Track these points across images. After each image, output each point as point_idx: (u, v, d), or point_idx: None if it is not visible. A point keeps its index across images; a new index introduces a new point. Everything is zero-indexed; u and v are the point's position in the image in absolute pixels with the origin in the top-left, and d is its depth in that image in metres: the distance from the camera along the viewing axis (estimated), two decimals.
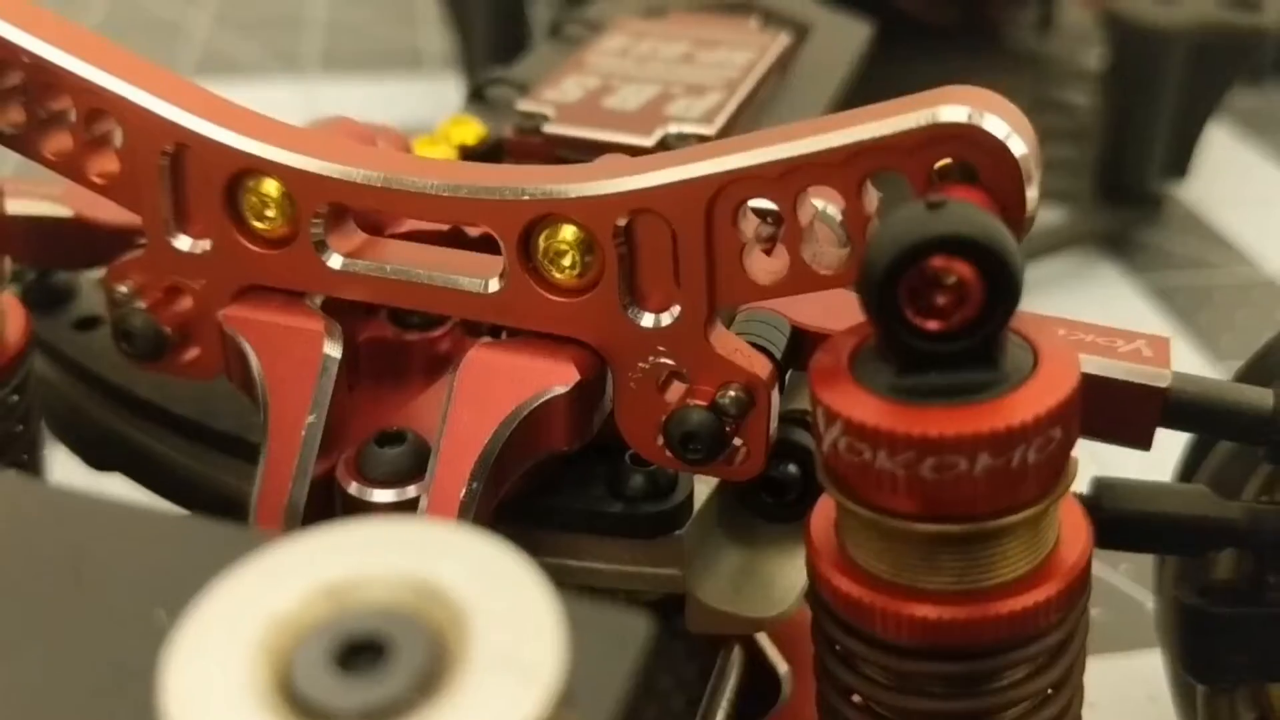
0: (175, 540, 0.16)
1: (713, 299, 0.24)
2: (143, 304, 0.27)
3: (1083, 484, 0.25)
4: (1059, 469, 0.21)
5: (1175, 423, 0.26)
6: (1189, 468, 0.30)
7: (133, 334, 0.27)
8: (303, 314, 0.26)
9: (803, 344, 0.27)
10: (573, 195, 0.24)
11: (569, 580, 0.27)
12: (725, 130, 0.35)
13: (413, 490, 0.26)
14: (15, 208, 0.30)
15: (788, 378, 0.27)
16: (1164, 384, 0.25)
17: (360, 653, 0.14)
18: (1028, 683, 0.22)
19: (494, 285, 0.25)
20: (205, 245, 0.27)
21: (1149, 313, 0.56)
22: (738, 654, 0.30)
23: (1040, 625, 0.22)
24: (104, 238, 0.31)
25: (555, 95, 0.36)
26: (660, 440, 0.25)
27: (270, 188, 0.26)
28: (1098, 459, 0.25)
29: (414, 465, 0.26)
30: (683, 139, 0.34)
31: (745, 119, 0.36)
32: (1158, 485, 0.27)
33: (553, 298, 0.25)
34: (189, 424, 0.30)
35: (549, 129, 0.35)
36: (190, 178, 0.26)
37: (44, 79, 0.26)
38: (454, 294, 0.26)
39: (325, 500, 0.26)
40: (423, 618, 0.14)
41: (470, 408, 0.25)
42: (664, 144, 0.34)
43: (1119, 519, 0.26)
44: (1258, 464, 0.28)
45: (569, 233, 0.25)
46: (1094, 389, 0.23)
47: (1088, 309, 0.55)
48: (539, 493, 0.27)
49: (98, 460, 0.32)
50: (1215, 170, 0.65)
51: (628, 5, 0.45)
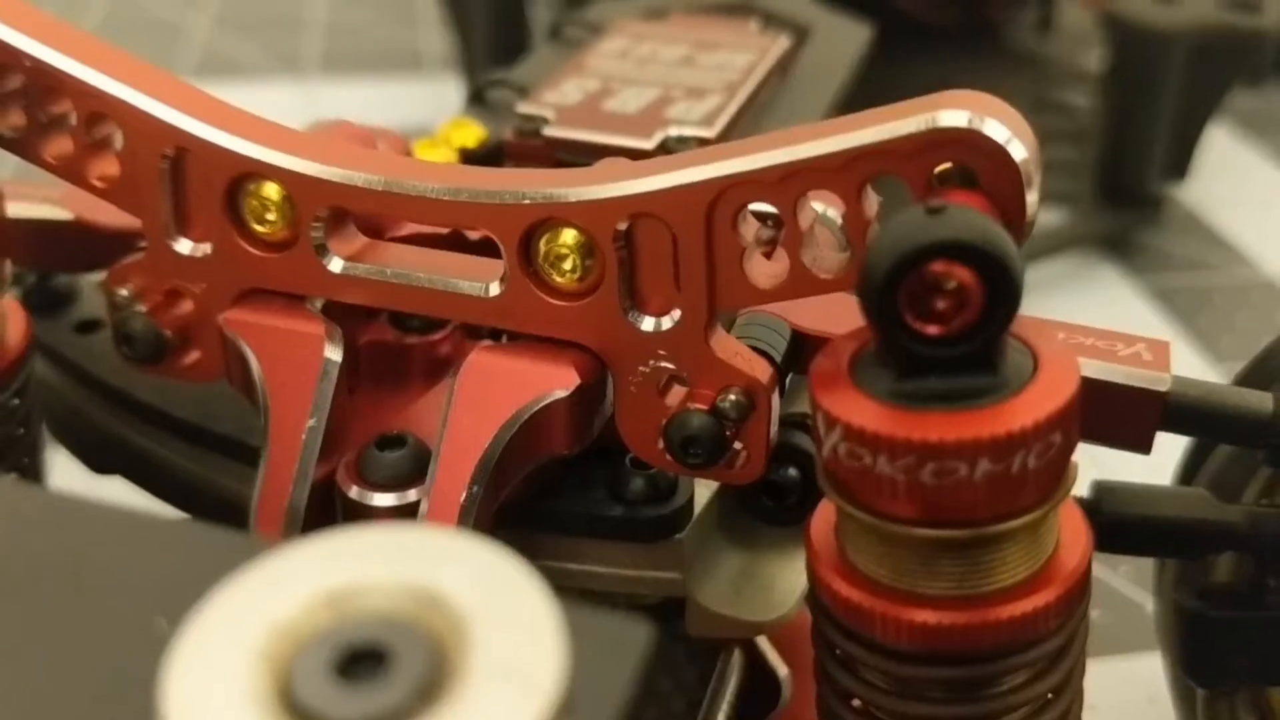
0: (176, 547, 0.16)
1: (713, 303, 0.24)
2: (143, 307, 0.27)
3: (1083, 487, 0.25)
4: (1059, 474, 0.21)
5: (1175, 426, 0.26)
6: (1189, 471, 0.30)
7: (133, 337, 0.27)
8: (303, 317, 0.26)
9: (803, 347, 0.27)
10: (573, 199, 0.24)
11: (569, 584, 0.27)
12: (725, 133, 0.35)
13: (413, 494, 0.26)
14: (15, 211, 0.30)
15: (788, 381, 0.27)
16: (1164, 388, 0.25)
17: (360, 661, 0.14)
18: (1028, 688, 0.22)
19: (494, 289, 0.25)
20: (206, 249, 0.27)
21: (1149, 314, 0.56)
22: (738, 657, 0.30)
23: (1040, 630, 0.22)
24: (104, 241, 0.31)
25: (555, 98, 0.36)
26: (661, 444, 0.25)
27: (271, 191, 0.26)
28: (1097, 462, 0.25)
29: (414, 469, 0.26)
30: (683, 142, 0.34)
31: (745, 121, 0.36)
32: (1158, 489, 0.27)
33: (553, 301, 0.25)
34: (189, 427, 0.30)
35: (549, 132, 0.35)
36: (191, 181, 0.26)
37: (45, 83, 0.26)
38: (454, 298, 0.26)
39: (326, 504, 0.26)
40: (423, 626, 0.14)
41: (471, 412, 0.25)
42: (664, 147, 0.34)
43: (1119, 522, 0.26)
44: (1257, 467, 0.28)
45: (569, 236, 0.25)
46: (1094, 393, 0.23)
47: (1087, 310, 0.55)
48: (539, 496, 0.27)
49: (98, 463, 0.32)
50: (1215, 171, 0.65)
51: (628, 7, 0.45)
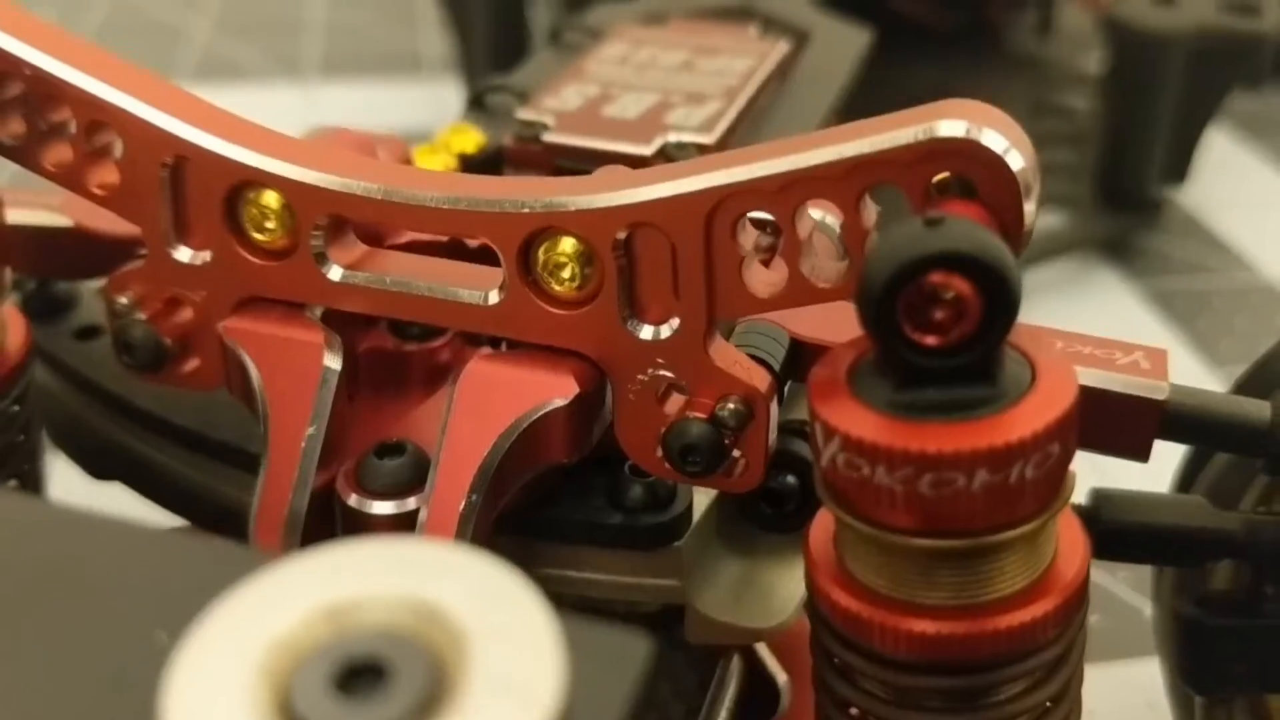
0: (176, 559, 0.16)
1: (712, 312, 0.24)
2: (143, 315, 0.27)
3: (1082, 494, 0.25)
4: (1057, 484, 0.21)
5: (1173, 435, 0.26)
6: (1187, 478, 0.30)
7: (133, 345, 0.27)
8: (303, 326, 0.26)
9: (802, 355, 0.27)
10: (572, 208, 0.24)
11: (569, 591, 0.27)
12: (725, 138, 0.35)
13: (412, 502, 0.26)
14: (15, 217, 0.30)
15: (787, 388, 0.27)
16: (1162, 396, 0.25)
17: (360, 675, 0.14)
18: (1026, 697, 0.22)
19: (494, 297, 0.25)
20: (205, 257, 0.27)
21: (1148, 317, 0.56)
22: (737, 664, 0.30)
23: (1038, 640, 0.22)
24: (104, 248, 0.31)
25: (555, 103, 0.36)
26: (659, 452, 0.25)
27: (270, 199, 0.26)
28: (1098, 468, 0.25)
29: (413, 477, 0.26)
30: (682, 148, 0.34)
31: (745, 127, 0.37)
32: (1155, 496, 0.27)
33: (552, 310, 0.25)
34: (189, 434, 0.30)
35: (549, 138, 0.35)
36: (190, 189, 0.26)
37: (44, 91, 0.26)
38: (454, 306, 0.26)
39: (325, 512, 0.26)
40: (422, 640, 0.14)
41: (470, 420, 0.25)
42: (663, 152, 0.34)
43: (1117, 530, 0.26)
44: (1255, 475, 0.28)
45: (568, 245, 0.25)
46: (1092, 401, 0.23)
47: (1086, 314, 0.55)
48: (538, 504, 0.27)
49: (98, 470, 0.32)
50: (1214, 174, 0.65)
51: (627, 11, 0.45)
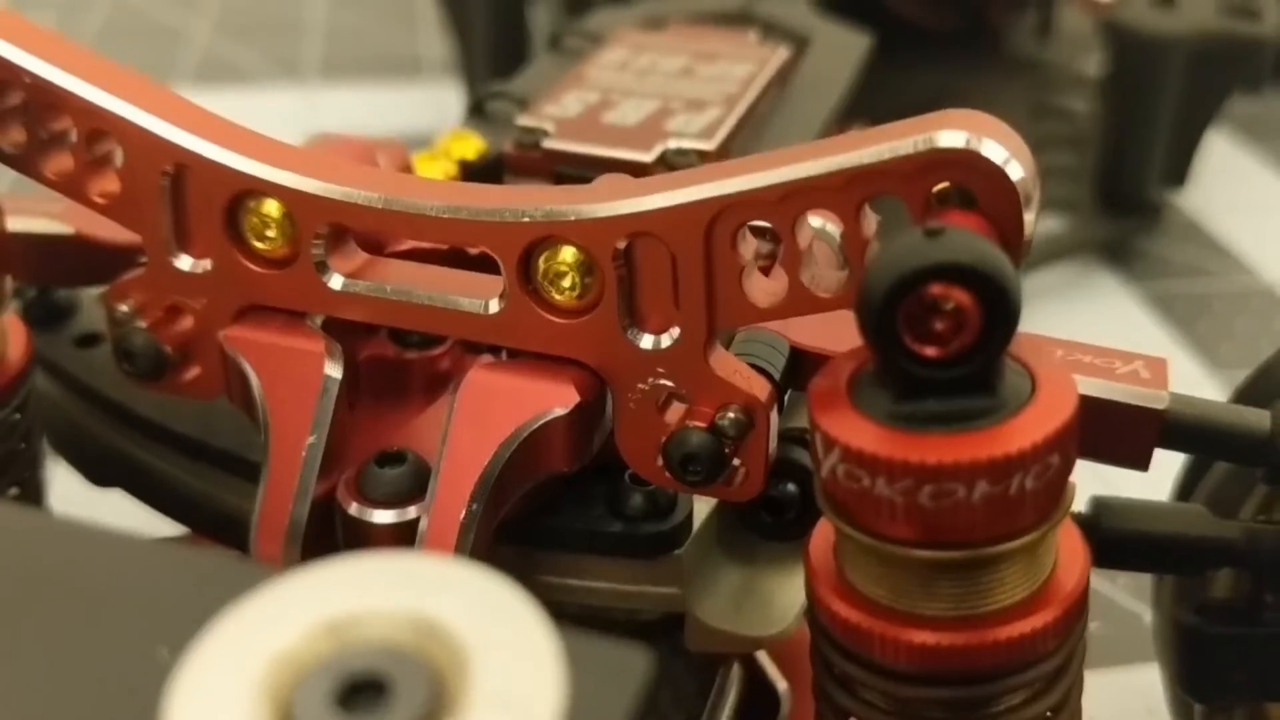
0: (178, 574, 0.16)
1: (712, 321, 0.24)
2: (143, 323, 0.27)
3: (1082, 501, 0.25)
4: (1057, 495, 0.21)
5: (1173, 444, 0.26)
6: (1186, 487, 0.30)
7: (133, 353, 0.27)
8: (303, 334, 0.26)
9: (802, 364, 0.27)
10: (572, 218, 0.24)
11: (569, 599, 0.27)
12: (725, 145, 0.35)
13: (413, 511, 0.26)
14: (15, 225, 0.30)
15: (787, 396, 0.27)
16: (1161, 406, 0.25)
17: (361, 691, 0.14)
18: (1026, 707, 0.22)
19: (494, 306, 0.25)
20: (206, 265, 0.27)
21: (1148, 321, 0.56)
22: (737, 671, 0.30)
23: (1038, 651, 0.22)
24: (105, 255, 0.31)
25: (555, 110, 0.36)
26: (660, 461, 0.25)
27: (271, 208, 0.26)
28: (1099, 475, 0.25)
29: (414, 486, 0.26)
30: (682, 154, 0.34)
31: (745, 133, 0.37)
32: (1155, 505, 0.27)
33: (552, 319, 0.25)
34: (190, 441, 0.30)
35: (549, 144, 0.35)
36: (191, 198, 0.26)
37: (45, 99, 0.26)
38: (454, 315, 0.26)
39: (326, 520, 0.26)
40: (423, 656, 0.14)
41: (470, 429, 0.25)
42: (664, 159, 0.34)
43: (1117, 538, 0.26)
44: (1254, 484, 0.28)
45: (569, 254, 0.25)
46: (1092, 410, 0.23)
47: (1086, 318, 0.55)
48: (539, 513, 0.27)
49: (98, 476, 0.32)
50: (1214, 177, 0.65)
51: (627, 16, 0.45)
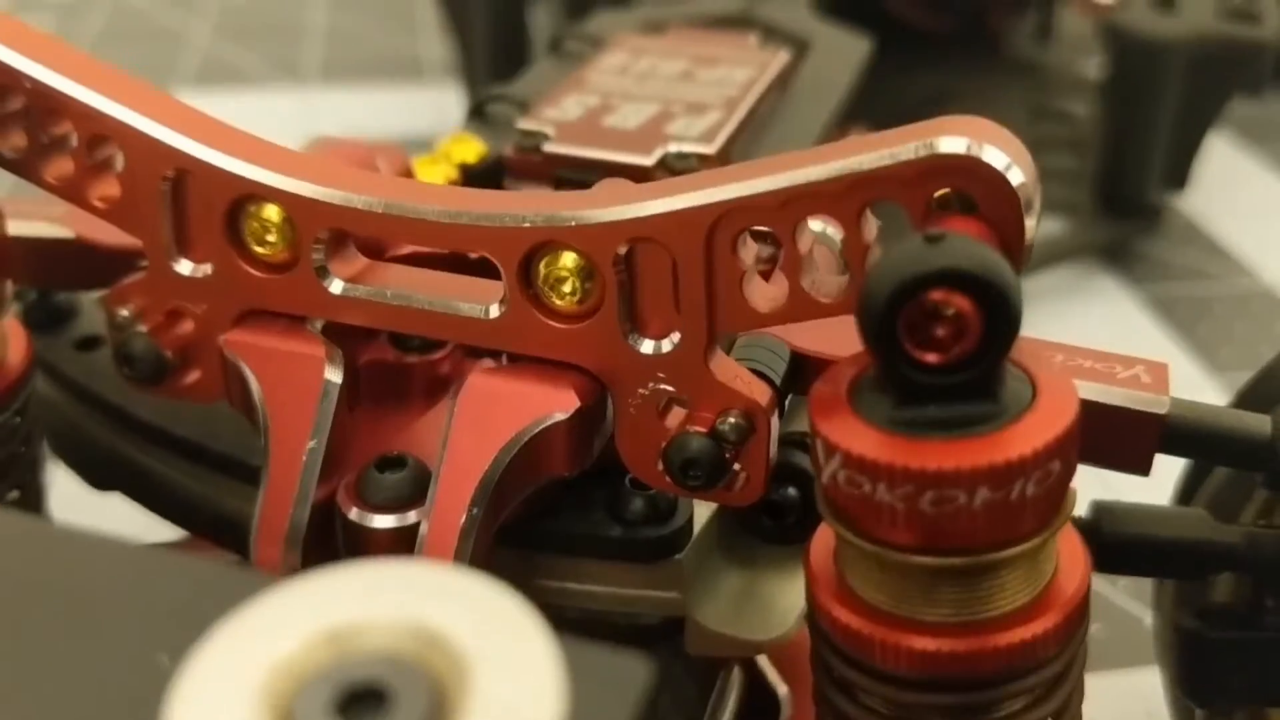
0: (178, 581, 0.16)
1: (712, 326, 0.24)
2: (144, 328, 0.27)
3: (1083, 505, 0.25)
4: (1057, 501, 0.21)
5: (1174, 449, 0.26)
6: (1187, 491, 0.30)
7: (134, 358, 0.27)
8: (304, 339, 0.26)
9: (802, 368, 0.27)
10: (573, 223, 0.24)
11: (569, 604, 0.27)
12: (725, 149, 0.35)
13: (413, 516, 0.26)
14: (16, 229, 0.30)
15: (788, 400, 0.27)
16: (1162, 410, 0.25)
17: (361, 700, 0.14)
18: (1026, 713, 0.22)
19: (494, 311, 0.25)
20: (206, 270, 0.27)
21: (1148, 324, 0.56)
22: (737, 675, 0.30)
23: (1039, 657, 0.22)
24: (105, 259, 0.31)
25: (555, 113, 0.36)
26: (660, 466, 0.25)
27: (271, 213, 0.26)
28: (1101, 478, 0.25)
29: (414, 490, 0.26)
30: (683, 158, 0.34)
31: (745, 137, 0.37)
32: (1156, 509, 0.27)
33: (553, 324, 0.25)
34: (190, 445, 0.30)
35: (549, 148, 0.35)
36: (191, 203, 0.26)
37: (45, 104, 0.26)
38: (454, 320, 0.26)
39: (326, 525, 0.26)
40: (423, 665, 0.14)
41: (470, 434, 0.25)
42: (664, 163, 0.34)
43: (1118, 543, 0.26)
44: (1255, 489, 0.28)
45: (569, 259, 0.25)
46: (1093, 415, 0.23)
47: (1086, 320, 0.55)
48: (539, 517, 0.27)
49: (98, 480, 0.32)
50: (1213, 180, 0.65)
51: (627, 19, 0.45)
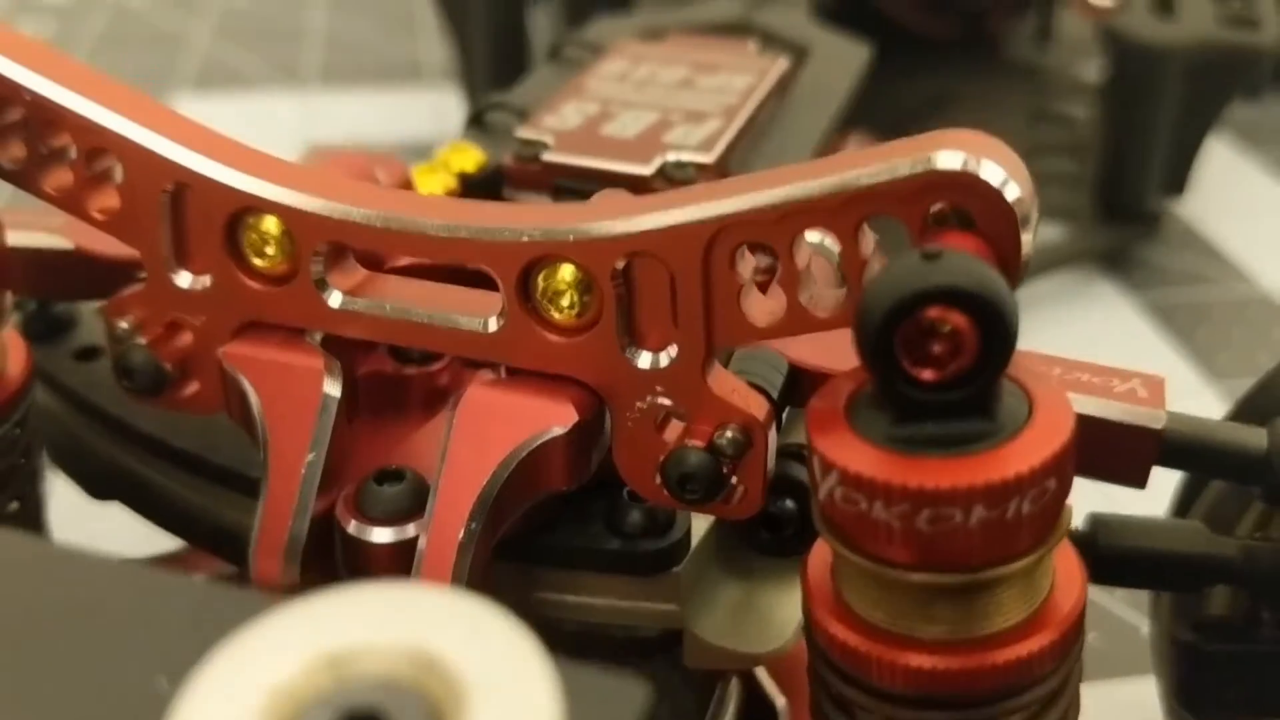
0: (177, 603, 0.16)
1: (710, 340, 0.24)
2: (143, 339, 0.27)
3: (1079, 517, 0.25)
4: (1053, 518, 0.21)
5: (1170, 462, 0.26)
6: (1184, 503, 0.30)
7: (133, 369, 0.27)
8: (303, 351, 0.26)
9: (800, 382, 0.27)
10: (571, 237, 0.24)
11: (567, 616, 0.27)
12: (724, 157, 0.35)
13: (411, 529, 0.26)
14: (15, 240, 0.30)
15: (785, 413, 0.27)
16: (1159, 425, 0.25)
17: None
18: None
19: (493, 324, 0.25)
20: (205, 282, 0.27)
21: (1146, 329, 0.56)
22: (735, 687, 0.30)
23: (1036, 674, 0.22)
24: (104, 270, 0.31)
25: (554, 122, 0.36)
26: (658, 479, 0.25)
27: (270, 226, 0.26)
28: (1098, 489, 0.25)
29: (413, 504, 0.26)
30: (681, 167, 0.34)
31: (744, 145, 0.37)
32: (1152, 521, 0.27)
33: (551, 337, 0.25)
34: (189, 457, 0.30)
35: (548, 157, 0.35)
36: (190, 215, 0.26)
37: (44, 116, 0.26)
38: (453, 333, 0.26)
39: (325, 538, 0.26)
40: (421, 690, 0.14)
41: (469, 448, 0.25)
42: (663, 172, 0.34)
43: (1114, 555, 0.26)
44: (1251, 501, 0.28)
45: (567, 273, 0.25)
46: (1090, 429, 0.23)
47: (1085, 326, 0.55)
48: (537, 530, 0.27)
49: (97, 490, 0.32)
50: (1212, 184, 0.65)
51: (626, 26, 0.45)
